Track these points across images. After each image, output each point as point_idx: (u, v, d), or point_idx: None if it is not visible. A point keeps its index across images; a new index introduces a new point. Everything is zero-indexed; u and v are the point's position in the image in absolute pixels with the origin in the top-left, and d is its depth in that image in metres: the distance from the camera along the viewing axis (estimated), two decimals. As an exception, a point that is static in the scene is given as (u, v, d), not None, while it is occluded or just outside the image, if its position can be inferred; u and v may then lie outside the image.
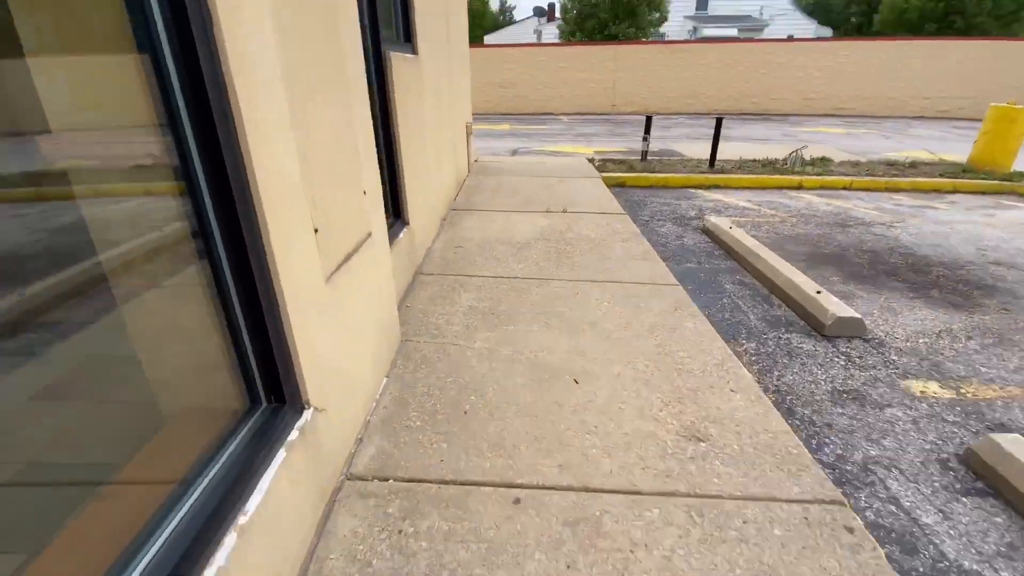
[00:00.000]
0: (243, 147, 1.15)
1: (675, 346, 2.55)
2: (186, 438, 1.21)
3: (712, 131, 7.52)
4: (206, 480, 1.13)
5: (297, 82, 1.40)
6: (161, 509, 1.04)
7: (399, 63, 2.94)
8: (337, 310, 1.68)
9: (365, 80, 2.01)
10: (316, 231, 1.51)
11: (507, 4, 51.09)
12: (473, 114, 7.57)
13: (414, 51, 3.52)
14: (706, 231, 4.93)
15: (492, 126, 14.25)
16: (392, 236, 2.92)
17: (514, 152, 9.81)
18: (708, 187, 6.75)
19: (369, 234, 2.03)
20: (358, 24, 1.95)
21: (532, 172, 6.83)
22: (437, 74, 4.32)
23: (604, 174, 6.93)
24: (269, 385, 1.38)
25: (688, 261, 4.20)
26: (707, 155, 8.26)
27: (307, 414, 1.46)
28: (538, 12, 33.23)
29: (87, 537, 0.96)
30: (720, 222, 4.87)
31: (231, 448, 1.23)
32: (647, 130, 7.62)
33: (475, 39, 35.09)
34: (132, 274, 1.20)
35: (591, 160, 7.94)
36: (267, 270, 1.27)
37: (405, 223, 3.20)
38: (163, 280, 1.24)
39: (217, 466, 1.17)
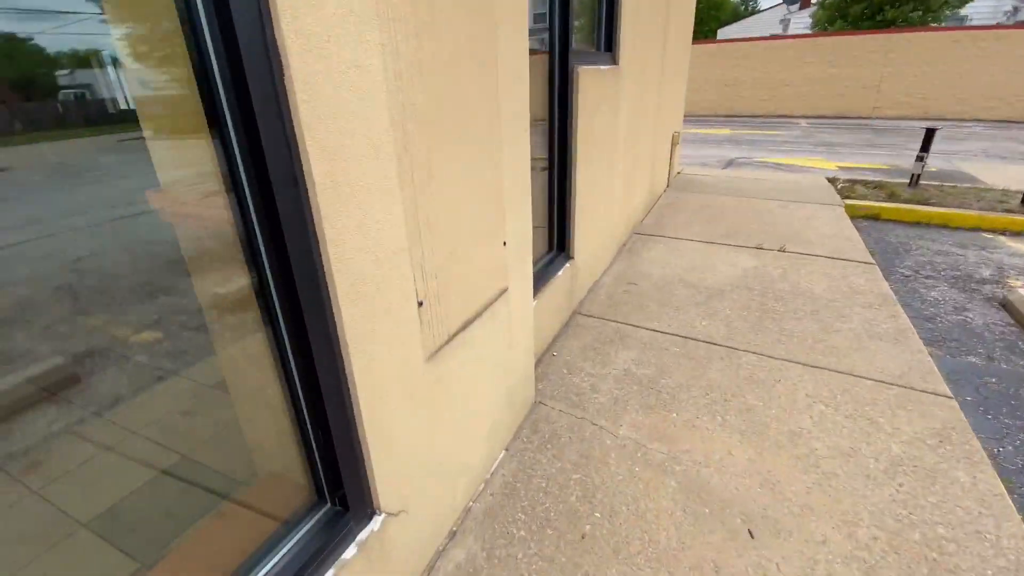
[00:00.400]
0: (314, 218, 0.91)
1: (930, 511, 1.64)
2: (226, 535, 1.06)
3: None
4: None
5: (418, 128, 1.13)
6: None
7: (589, 79, 2.55)
8: (442, 389, 1.40)
9: (526, 112, 1.67)
10: (420, 304, 1.23)
11: (751, -8, 45.92)
12: (687, 117, 6.74)
13: (614, 61, 3.08)
14: (1008, 306, 3.37)
15: (709, 130, 12.83)
16: (548, 274, 2.58)
17: (729, 163, 8.55)
18: (1017, 233, 4.72)
19: (505, 289, 1.71)
20: (526, 49, 1.62)
21: (746, 191, 5.75)
22: (642, 83, 3.79)
23: (849, 201, 5.45)
24: (333, 486, 1.16)
25: (971, 353, 2.86)
26: (1020, 186, 5.87)
27: (375, 522, 1.21)
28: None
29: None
30: (1039, 295, 3.26)
31: (270, 565, 1.04)
32: (925, 146, 5.71)
33: (708, 34, 32.37)
34: (219, 326, 1.08)
35: (832, 180, 6.37)
36: (337, 358, 1.03)
37: (569, 257, 2.82)
38: (233, 341, 1.10)
39: (242, 593, 0.98)
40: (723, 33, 30.43)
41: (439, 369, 1.37)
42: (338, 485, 1.15)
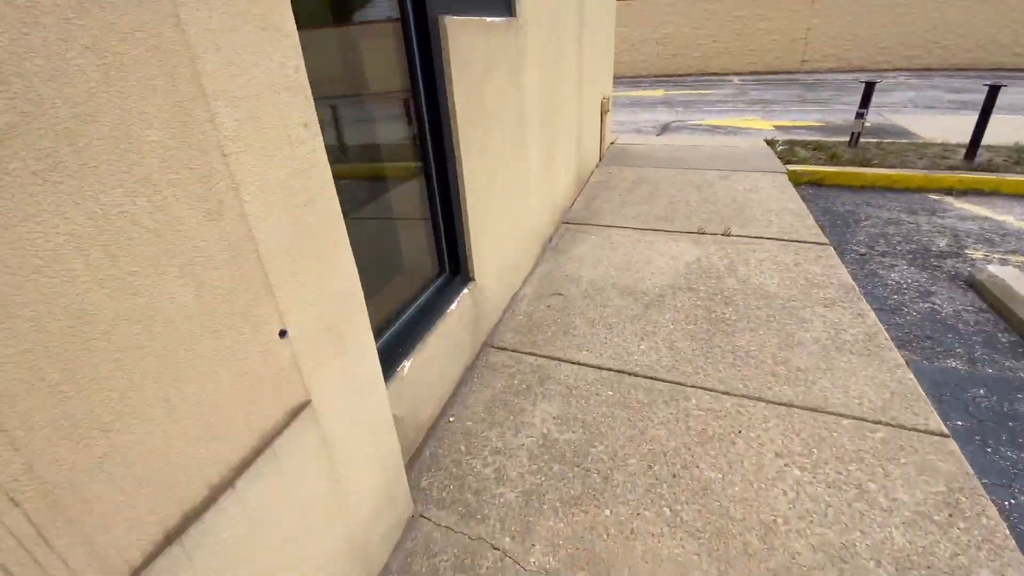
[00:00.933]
0: None
1: (969, 663, 1.13)
2: None
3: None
4: None
5: None
6: None
7: (467, 35, 1.80)
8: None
9: (302, 84, 0.93)
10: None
11: (678, -55, 45.36)
12: (619, 79, 6.05)
13: (510, 11, 2.34)
14: (976, 287, 3.01)
15: (643, 92, 12.28)
16: (435, 312, 1.88)
17: (664, 128, 8.03)
18: (963, 192, 4.45)
19: (304, 404, 1.00)
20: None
21: (683, 161, 5.22)
22: (557, 41, 3.07)
23: (791, 166, 5.03)
24: None
25: (950, 355, 2.44)
26: (956, 137, 5.68)
27: None
28: (714, -50, 28.45)
29: None
30: (1007, 274, 2.91)
31: None
32: (865, 102, 5.34)
33: (636, -11, 31.55)
34: None
35: (771, 142, 5.96)
36: None
37: (468, 279, 2.13)
38: None
39: None
40: (652, -12, 29.74)
41: (105, 649, 0.66)
42: None
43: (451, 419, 1.91)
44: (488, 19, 2.03)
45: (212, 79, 0.74)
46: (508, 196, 2.48)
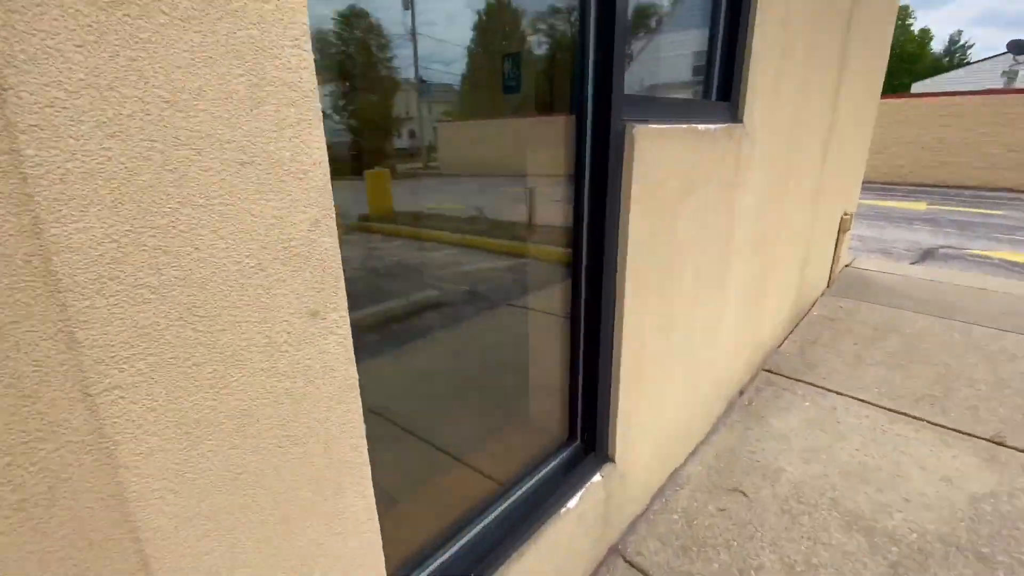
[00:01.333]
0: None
1: None
2: None
3: None
4: None
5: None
6: None
7: (657, 147, 1.33)
8: None
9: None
10: None
11: (958, 43, 39.03)
12: (863, 183, 4.80)
13: (735, 117, 1.80)
14: None
15: (895, 203, 10.12)
16: (555, 497, 1.33)
17: (926, 254, 6.23)
18: None
19: None
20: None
21: (959, 309, 3.75)
22: (793, 150, 2.40)
23: None
24: None
25: None
26: None
27: None
28: (1016, 48, 23.25)
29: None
30: None
31: None
32: None
33: (899, 89, 27.66)
34: None
35: (1121, 303, 3.99)
36: None
37: (604, 459, 1.53)
38: None
39: None
40: (916, 88, 25.82)
41: None
42: None
43: None
44: (701, 127, 1.53)
45: (80, 262, 0.39)
46: (687, 343, 1.84)
